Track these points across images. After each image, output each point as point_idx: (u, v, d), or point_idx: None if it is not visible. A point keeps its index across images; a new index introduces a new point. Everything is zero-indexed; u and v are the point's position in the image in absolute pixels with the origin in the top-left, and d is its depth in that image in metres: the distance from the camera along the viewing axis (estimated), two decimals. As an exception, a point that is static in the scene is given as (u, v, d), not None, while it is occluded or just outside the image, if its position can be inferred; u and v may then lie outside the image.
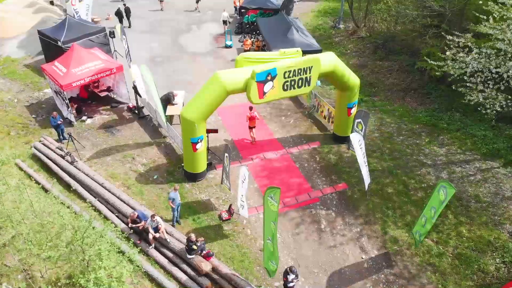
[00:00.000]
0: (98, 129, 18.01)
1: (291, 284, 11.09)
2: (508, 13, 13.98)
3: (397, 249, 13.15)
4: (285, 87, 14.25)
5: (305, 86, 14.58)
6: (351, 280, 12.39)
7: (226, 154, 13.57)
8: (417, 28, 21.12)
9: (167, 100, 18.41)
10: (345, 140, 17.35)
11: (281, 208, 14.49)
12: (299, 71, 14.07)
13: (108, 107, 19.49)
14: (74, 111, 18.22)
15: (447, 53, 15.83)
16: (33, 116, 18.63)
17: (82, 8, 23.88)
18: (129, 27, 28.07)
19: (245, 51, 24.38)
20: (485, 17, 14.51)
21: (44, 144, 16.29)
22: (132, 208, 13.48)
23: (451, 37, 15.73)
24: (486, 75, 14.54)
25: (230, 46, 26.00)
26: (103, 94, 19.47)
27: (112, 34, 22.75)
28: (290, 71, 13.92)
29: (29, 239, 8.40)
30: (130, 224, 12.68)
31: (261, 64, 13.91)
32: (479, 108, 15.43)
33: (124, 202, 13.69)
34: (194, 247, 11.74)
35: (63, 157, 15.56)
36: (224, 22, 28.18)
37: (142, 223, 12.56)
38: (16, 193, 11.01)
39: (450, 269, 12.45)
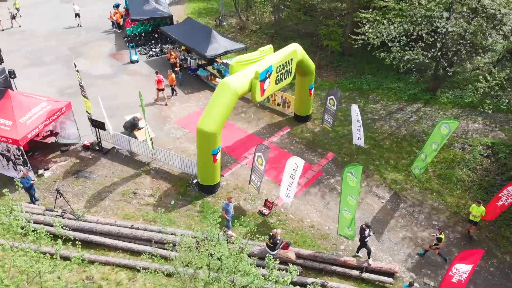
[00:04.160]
0: (64, 179, 15.81)
1: (367, 238, 12.95)
2: None
3: (400, 187, 16.29)
4: (277, 81, 15.57)
5: (288, 76, 16.16)
6: (386, 221, 14.97)
7: (258, 154, 14.14)
8: (314, 14, 24.55)
9: (133, 126, 17.36)
10: (308, 118, 19.64)
11: (300, 189, 16.00)
12: (285, 64, 15.56)
13: (58, 153, 17.04)
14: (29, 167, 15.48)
15: (366, 27, 19.48)
16: (-28, 187, 15.02)
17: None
18: (1, 63, 23.89)
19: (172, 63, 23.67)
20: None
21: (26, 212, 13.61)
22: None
23: (363, 15, 19.46)
24: (404, 40, 18.65)
25: (136, 61, 24.92)
26: (49, 140, 16.86)
27: (13, 74, 19.40)
28: (280, 66, 15.28)
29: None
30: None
31: (253, 64, 14.88)
32: (401, 67, 19.51)
33: (173, 235, 13.04)
34: (278, 241, 12.41)
35: (61, 216, 13.49)
36: (76, 15, 29.72)
37: (212, 242, 12.41)
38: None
39: (440, 187, 16.23)
